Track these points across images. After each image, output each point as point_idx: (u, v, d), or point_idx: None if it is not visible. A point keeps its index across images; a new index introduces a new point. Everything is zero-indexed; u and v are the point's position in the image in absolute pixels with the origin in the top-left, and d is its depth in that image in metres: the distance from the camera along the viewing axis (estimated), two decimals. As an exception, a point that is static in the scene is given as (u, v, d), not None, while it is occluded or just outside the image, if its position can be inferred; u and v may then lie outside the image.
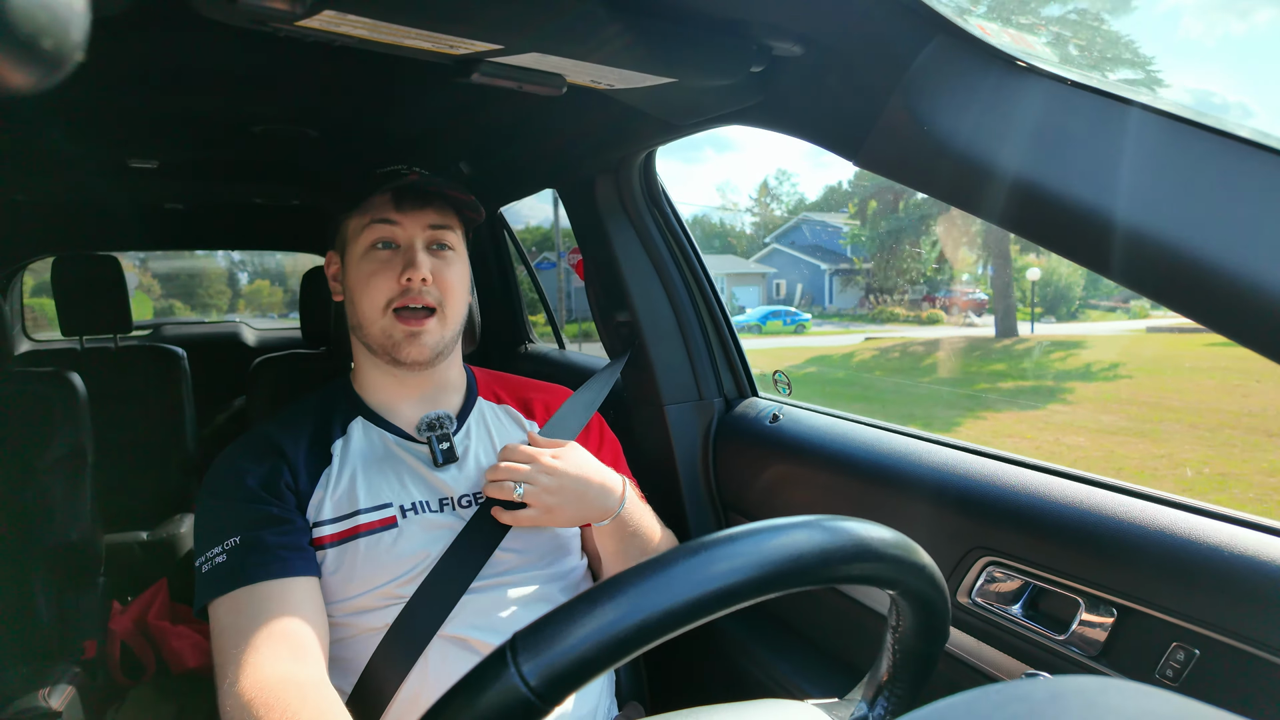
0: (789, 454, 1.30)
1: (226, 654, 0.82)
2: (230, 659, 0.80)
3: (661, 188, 1.53)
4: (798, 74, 0.88)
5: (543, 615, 0.43)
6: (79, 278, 2.45)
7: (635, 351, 1.51)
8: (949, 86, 0.69)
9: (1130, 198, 0.57)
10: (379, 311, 0.99)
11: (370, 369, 1.06)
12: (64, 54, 0.23)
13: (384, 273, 0.99)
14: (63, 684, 1.51)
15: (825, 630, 1.25)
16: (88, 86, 1.24)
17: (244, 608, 0.85)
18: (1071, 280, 22.71)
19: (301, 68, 1.21)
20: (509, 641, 0.41)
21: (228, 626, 0.85)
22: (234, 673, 0.79)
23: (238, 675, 0.78)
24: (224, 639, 0.84)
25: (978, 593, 0.95)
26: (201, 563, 0.91)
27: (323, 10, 0.66)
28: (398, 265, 0.99)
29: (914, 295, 24.53)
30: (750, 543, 0.45)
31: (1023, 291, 20.62)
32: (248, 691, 0.76)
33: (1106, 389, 11.40)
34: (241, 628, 0.83)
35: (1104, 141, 0.59)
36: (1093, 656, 0.83)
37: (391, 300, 0.99)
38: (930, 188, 0.73)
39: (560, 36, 0.77)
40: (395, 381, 1.06)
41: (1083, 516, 0.84)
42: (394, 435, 1.04)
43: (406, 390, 1.07)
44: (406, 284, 0.98)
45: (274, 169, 2.10)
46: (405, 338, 0.99)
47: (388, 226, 1.00)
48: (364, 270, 1.00)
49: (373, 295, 0.99)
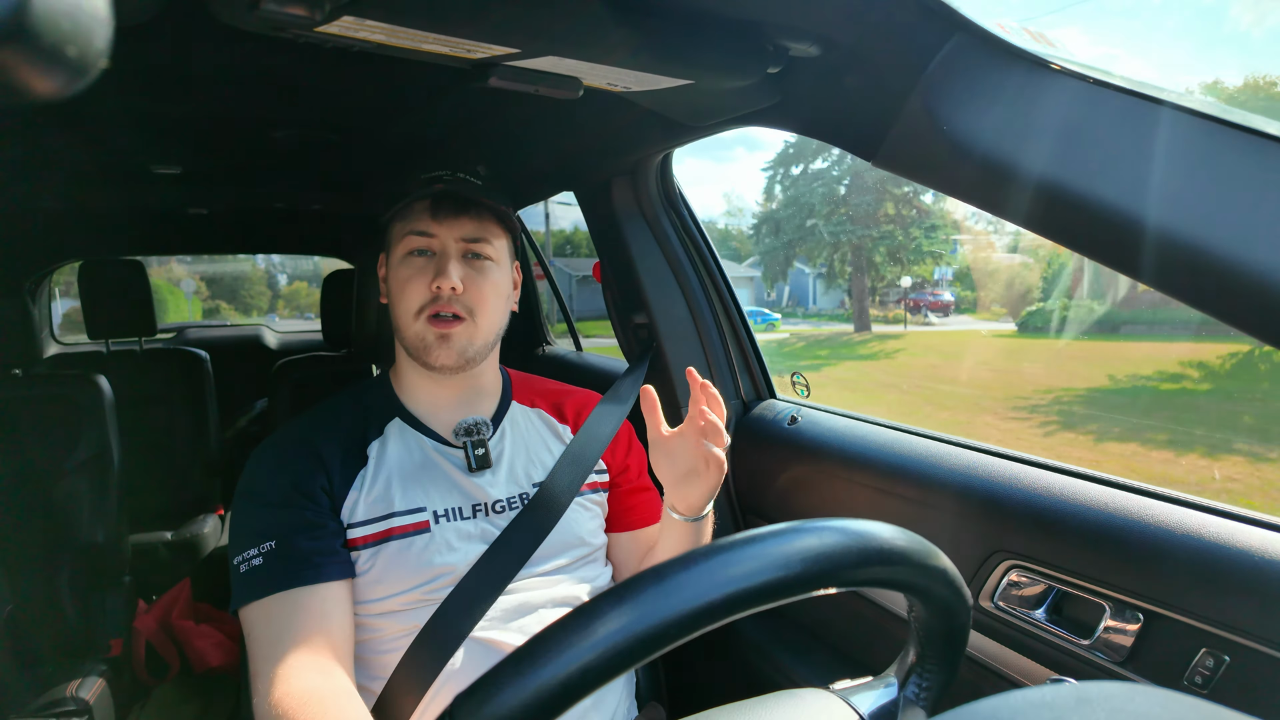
0: (807, 456, 1.30)
1: (258, 662, 0.86)
2: (262, 668, 0.85)
3: (678, 189, 1.53)
4: (815, 75, 0.88)
5: (483, 674, 0.42)
6: (105, 282, 2.49)
7: (652, 354, 1.51)
8: (968, 86, 0.68)
9: (1157, 197, 0.56)
10: (412, 316, 1.01)
11: (410, 371, 1.08)
12: (88, 61, 0.24)
13: (418, 279, 1.01)
14: (90, 680, 1.53)
15: (846, 632, 1.24)
16: (112, 93, 1.26)
17: (276, 615, 0.88)
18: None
19: (320, 73, 1.22)
20: (449, 707, 0.41)
21: (260, 635, 0.88)
22: (264, 684, 0.83)
23: (268, 687, 0.83)
24: (257, 646, 0.87)
25: (1000, 596, 0.94)
26: (239, 563, 0.93)
27: (341, 16, 0.66)
28: (430, 272, 1.01)
29: (893, 297, 24.98)
30: (705, 569, 0.43)
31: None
32: (277, 704, 0.80)
33: (881, 364, 16.28)
34: (273, 637, 0.87)
35: (1129, 140, 0.58)
36: (1119, 662, 0.81)
37: (424, 306, 1.01)
38: (950, 188, 0.72)
39: (577, 39, 0.77)
40: (433, 384, 1.07)
41: (1107, 519, 0.83)
42: (430, 439, 1.05)
43: (444, 393, 1.08)
44: (436, 291, 1.00)
45: (294, 174, 2.12)
46: (436, 340, 1.00)
47: (422, 237, 1.02)
48: (400, 276, 1.02)
49: (407, 300, 1.01)
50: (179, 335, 3.67)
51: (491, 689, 0.41)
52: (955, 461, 1.05)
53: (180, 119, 1.50)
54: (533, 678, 0.40)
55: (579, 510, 1.08)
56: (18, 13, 0.21)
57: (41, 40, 0.22)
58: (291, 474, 0.97)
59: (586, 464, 1.10)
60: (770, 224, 23.91)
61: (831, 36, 0.81)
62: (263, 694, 0.83)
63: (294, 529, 0.93)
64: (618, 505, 1.16)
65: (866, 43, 0.78)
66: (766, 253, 24.36)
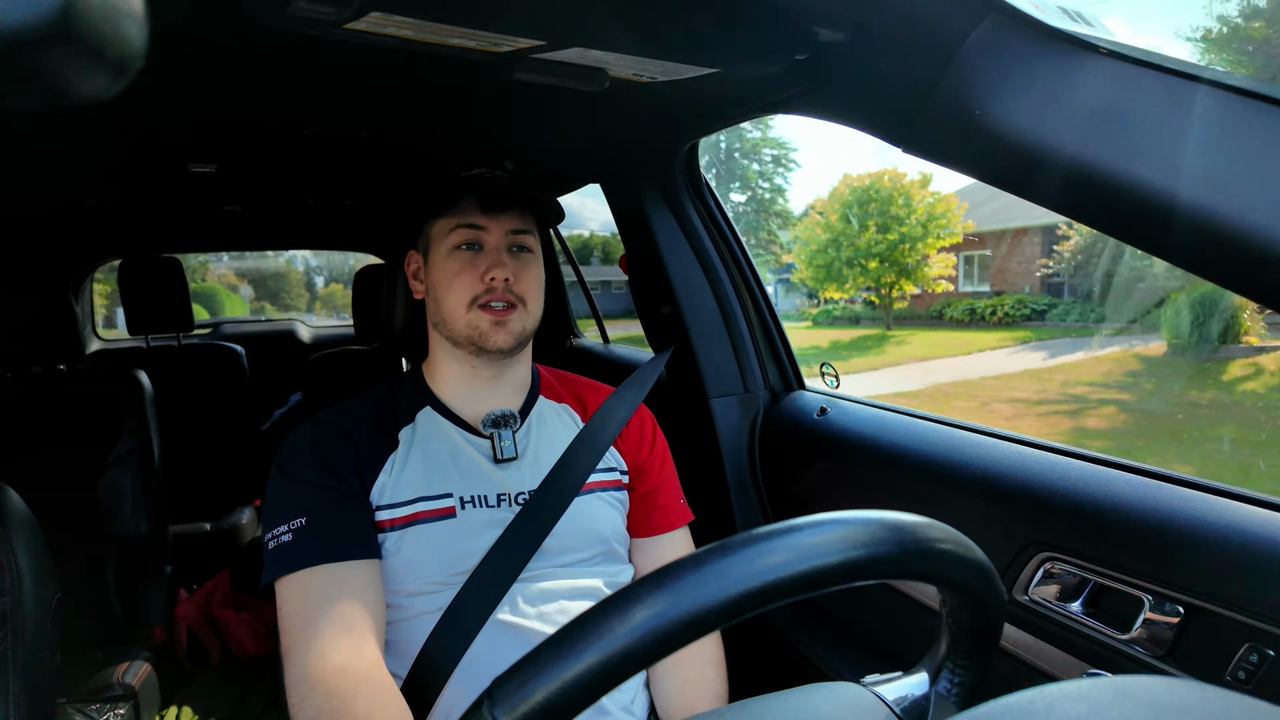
0: (837, 448, 1.29)
1: (290, 637, 0.87)
2: (293, 644, 0.86)
3: (704, 179, 1.52)
4: (844, 60, 0.87)
5: (521, 657, 0.42)
6: (144, 279, 2.55)
7: (679, 344, 1.51)
8: (1002, 68, 0.67)
9: (1199, 179, 0.54)
10: (463, 308, 1.03)
11: (448, 362, 1.10)
12: (127, 62, 0.24)
13: (468, 272, 1.03)
14: (135, 666, 1.58)
15: (877, 624, 1.23)
16: (149, 94, 1.28)
17: (307, 590, 0.90)
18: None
19: (349, 70, 1.23)
20: (488, 688, 0.42)
21: (292, 609, 0.90)
22: (296, 660, 0.85)
23: (299, 661, 0.84)
24: (288, 621, 0.89)
25: (1035, 589, 0.93)
26: (268, 539, 0.94)
27: (369, 12, 0.67)
28: (481, 265, 1.03)
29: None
30: (721, 566, 0.42)
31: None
32: (308, 680, 0.82)
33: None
34: (304, 612, 0.88)
35: (1170, 120, 0.56)
36: (1158, 656, 0.80)
37: (476, 297, 1.03)
38: (984, 174, 0.71)
39: (602, 30, 0.77)
40: (470, 374, 1.09)
41: (1146, 511, 0.81)
42: (459, 428, 1.07)
43: (479, 383, 1.09)
44: (490, 282, 1.02)
45: (325, 170, 2.15)
46: (491, 326, 1.03)
47: (473, 230, 1.04)
48: (449, 269, 1.04)
49: (458, 293, 1.03)
50: (215, 331, 3.74)
51: (530, 671, 0.41)
52: (989, 452, 1.03)
53: (213, 117, 1.53)
54: (572, 661, 0.40)
55: (599, 505, 1.08)
56: (60, 17, 0.21)
57: (83, 43, 0.22)
58: (324, 455, 0.99)
59: (599, 448, 1.10)
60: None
61: (860, 21, 0.80)
62: (294, 667, 0.84)
63: (324, 507, 0.95)
64: (638, 508, 1.16)
65: (896, 26, 0.77)
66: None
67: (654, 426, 1.23)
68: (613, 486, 1.12)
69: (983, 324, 15.35)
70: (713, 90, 1.00)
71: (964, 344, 13.13)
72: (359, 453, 1.01)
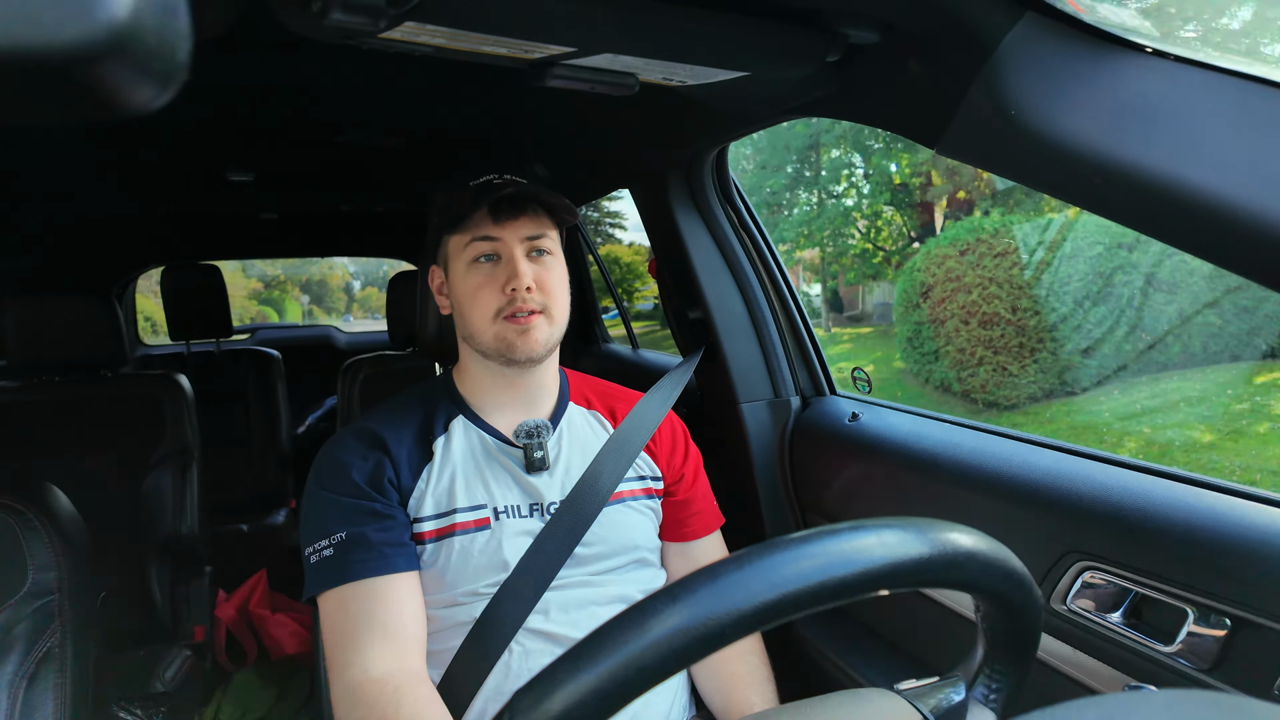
0: (869, 454, 1.27)
1: (333, 650, 0.90)
2: (336, 657, 0.90)
3: (734, 182, 1.52)
4: (875, 62, 0.86)
5: (541, 670, 0.43)
6: (185, 286, 2.62)
7: (708, 349, 1.50)
8: (1039, 68, 0.66)
9: (1243, 179, 0.52)
10: (489, 321, 1.02)
11: (479, 372, 1.10)
12: (173, 75, 0.25)
13: (489, 285, 1.02)
14: (176, 664, 1.62)
15: (909, 631, 1.22)
16: (191, 105, 1.32)
17: (348, 604, 0.92)
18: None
19: (382, 79, 1.25)
20: (509, 701, 0.42)
21: (335, 624, 0.92)
22: (340, 673, 0.88)
23: (342, 673, 0.87)
24: (331, 634, 0.92)
25: (1073, 599, 0.91)
26: (309, 554, 0.96)
27: (403, 22, 0.68)
28: (501, 277, 1.02)
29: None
30: (750, 573, 0.42)
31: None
32: (352, 693, 0.85)
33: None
34: (346, 626, 0.91)
35: (1212, 119, 0.55)
36: (1204, 670, 0.77)
37: (500, 310, 1.02)
38: (1019, 175, 0.70)
39: (633, 35, 0.77)
40: (502, 383, 1.09)
41: (1190, 520, 0.79)
42: (492, 438, 1.07)
43: (510, 392, 1.09)
44: (511, 294, 1.01)
45: (359, 177, 2.19)
46: (518, 336, 1.02)
47: (488, 242, 1.03)
48: (470, 285, 1.03)
49: (482, 308, 1.02)
50: (253, 336, 3.82)
51: (549, 684, 0.41)
52: (1025, 459, 1.01)
53: (251, 127, 1.56)
54: (589, 673, 0.41)
55: (630, 513, 1.08)
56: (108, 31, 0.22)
57: (130, 57, 0.23)
58: (361, 468, 1.00)
59: (628, 455, 1.10)
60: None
61: (892, 21, 0.79)
62: (339, 680, 0.87)
63: (363, 521, 0.96)
64: (672, 515, 1.15)
65: (930, 26, 0.76)
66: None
67: (685, 433, 1.23)
68: (644, 494, 1.12)
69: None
70: (742, 94, 1.00)
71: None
72: (396, 464, 1.02)
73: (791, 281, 1.53)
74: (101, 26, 0.21)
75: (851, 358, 11.09)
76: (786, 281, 1.52)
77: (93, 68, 0.22)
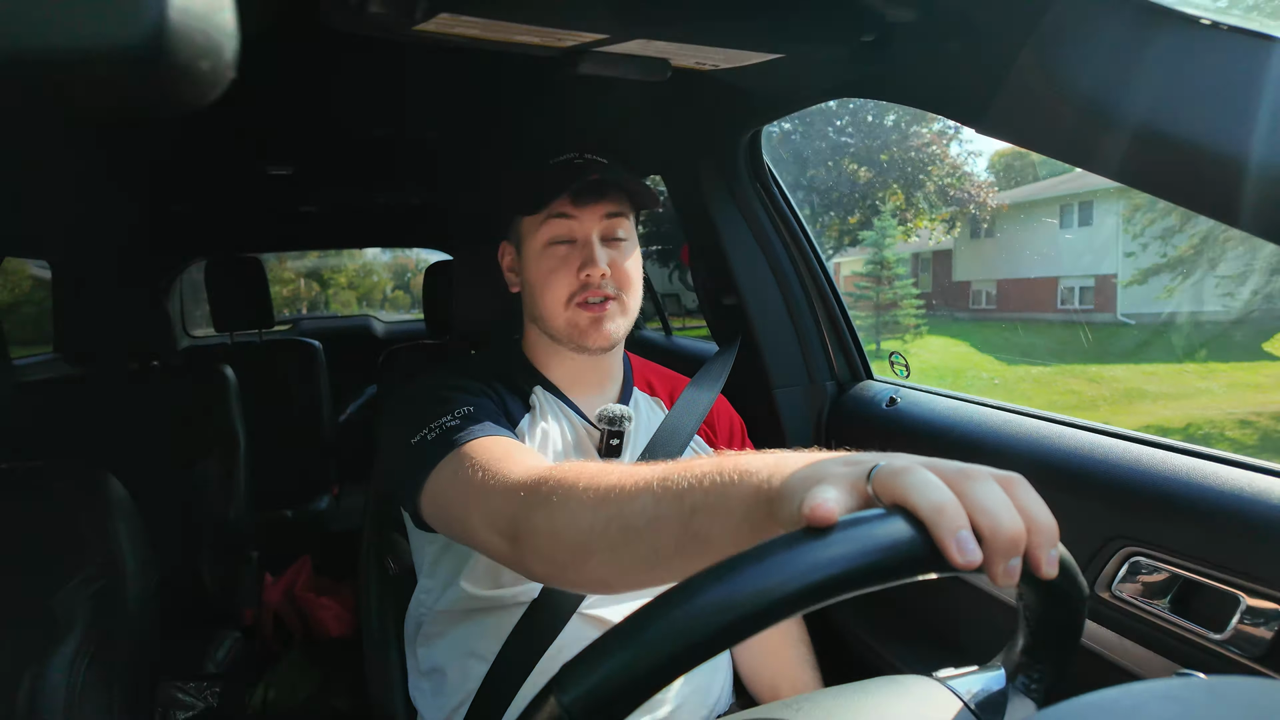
0: (908, 439, 1.25)
1: (466, 494, 0.81)
2: (472, 494, 0.80)
3: (768, 167, 1.50)
4: (913, 40, 0.84)
5: (588, 646, 0.43)
6: (228, 278, 2.68)
7: (743, 334, 1.50)
8: (1089, 40, 0.64)
9: None
10: (561, 305, 1.01)
11: (549, 352, 1.09)
12: (220, 74, 0.25)
13: (563, 269, 1.00)
14: (227, 646, 1.67)
15: (948, 618, 1.20)
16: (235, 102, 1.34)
17: (476, 453, 0.84)
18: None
19: (417, 71, 1.27)
20: (555, 676, 0.42)
21: (463, 475, 0.82)
22: (481, 500, 0.78)
23: (485, 500, 0.78)
24: (458, 488, 0.82)
25: (1119, 585, 0.89)
26: (427, 432, 0.89)
27: (438, 14, 0.69)
28: (575, 260, 1.00)
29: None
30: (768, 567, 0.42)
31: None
32: (503, 492, 0.76)
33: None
34: (476, 465, 0.82)
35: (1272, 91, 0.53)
36: (1255, 658, 0.75)
37: (573, 295, 1.00)
38: (1067, 154, 0.68)
39: (664, 20, 0.77)
40: (571, 365, 1.08)
41: (1241, 503, 0.77)
42: (578, 414, 1.07)
43: (582, 374, 1.09)
44: (586, 279, 0.99)
45: (395, 170, 2.21)
46: (590, 324, 1.00)
47: (564, 221, 1.00)
48: (543, 267, 1.02)
49: (554, 291, 1.01)
50: (295, 327, 3.90)
51: (596, 660, 0.42)
52: (1069, 443, 0.99)
53: (291, 122, 1.59)
54: (637, 649, 0.41)
55: None
56: (158, 33, 0.23)
57: (178, 57, 0.23)
58: (475, 388, 0.99)
59: (682, 440, 1.09)
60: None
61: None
62: (485, 504, 0.78)
63: (488, 407, 0.94)
64: None
65: (969, 3, 0.74)
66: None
67: (742, 426, 1.23)
68: None
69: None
70: (776, 76, 0.99)
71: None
72: (503, 401, 1.01)
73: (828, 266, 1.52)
74: (149, 29, 0.22)
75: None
76: (822, 266, 1.51)
77: (141, 70, 0.23)
